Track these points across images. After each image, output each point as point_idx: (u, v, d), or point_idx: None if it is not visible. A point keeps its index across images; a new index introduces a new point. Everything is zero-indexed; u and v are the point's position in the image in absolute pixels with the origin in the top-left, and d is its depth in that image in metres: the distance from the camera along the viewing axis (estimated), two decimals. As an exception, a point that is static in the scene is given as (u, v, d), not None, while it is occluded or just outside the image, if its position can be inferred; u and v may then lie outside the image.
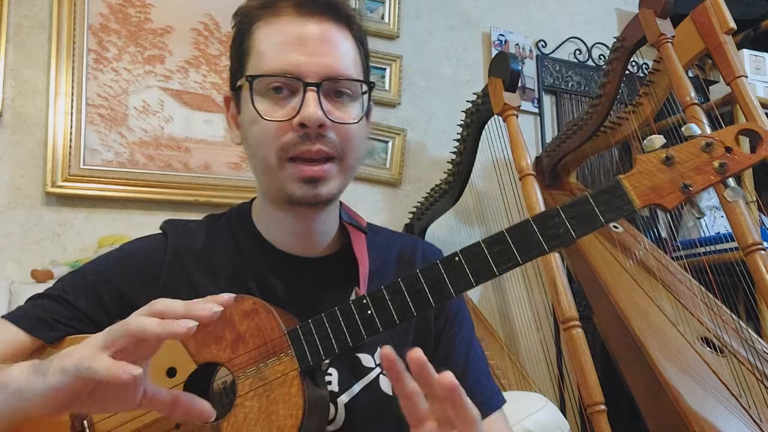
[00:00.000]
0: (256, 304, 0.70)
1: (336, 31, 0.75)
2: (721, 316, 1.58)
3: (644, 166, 0.62)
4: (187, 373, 0.70)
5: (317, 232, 0.81)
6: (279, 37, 0.73)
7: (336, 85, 0.73)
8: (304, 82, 0.71)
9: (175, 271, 0.79)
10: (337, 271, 0.82)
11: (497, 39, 2.52)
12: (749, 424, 1.29)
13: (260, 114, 0.72)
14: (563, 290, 1.40)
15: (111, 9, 1.87)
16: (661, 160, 0.62)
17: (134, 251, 0.83)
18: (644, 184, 0.61)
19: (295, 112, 0.71)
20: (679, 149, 0.62)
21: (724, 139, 0.61)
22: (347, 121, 0.74)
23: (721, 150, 0.61)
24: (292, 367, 0.67)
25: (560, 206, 0.63)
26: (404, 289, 0.66)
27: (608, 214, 0.61)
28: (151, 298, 0.58)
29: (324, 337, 0.68)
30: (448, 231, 2.22)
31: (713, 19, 1.48)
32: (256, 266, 0.80)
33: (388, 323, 0.66)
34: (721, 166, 0.60)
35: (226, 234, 0.84)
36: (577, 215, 0.62)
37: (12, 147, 1.74)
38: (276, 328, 0.69)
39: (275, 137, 0.72)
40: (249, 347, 0.68)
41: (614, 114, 1.92)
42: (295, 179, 0.72)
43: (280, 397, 0.66)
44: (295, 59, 0.71)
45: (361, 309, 0.67)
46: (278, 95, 0.72)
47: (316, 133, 0.71)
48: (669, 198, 0.61)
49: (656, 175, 0.62)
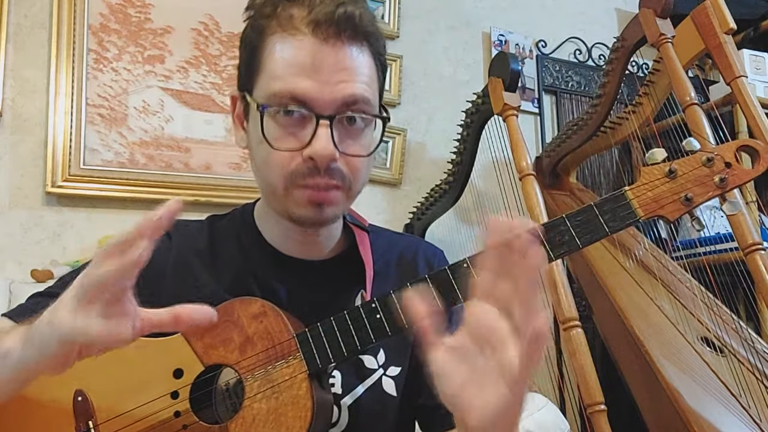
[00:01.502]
0: (265, 307, 0.70)
1: (355, 52, 0.71)
2: (721, 316, 1.58)
3: (648, 178, 0.65)
4: (194, 374, 0.70)
5: (322, 239, 0.81)
6: (292, 60, 0.69)
7: (352, 116, 0.71)
8: (317, 114, 0.68)
9: (179, 271, 0.79)
10: (341, 274, 0.82)
11: (497, 39, 2.52)
12: (749, 424, 1.29)
13: (270, 143, 0.70)
14: (563, 290, 1.40)
15: (111, 9, 1.87)
16: (665, 173, 0.64)
17: None
18: (647, 195, 0.64)
19: (305, 142, 0.68)
20: (682, 163, 0.65)
21: (724, 154, 0.64)
22: (359, 153, 0.72)
23: (721, 165, 0.64)
24: (300, 370, 0.67)
25: (565, 215, 0.64)
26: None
27: (612, 224, 0.63)
28: (155, 297, 0.58)
29: (333, 341, 0.68)
30: (448, 231, 2.21)
31: (713, 19, 1.48)
32: (259, 269, 0.80)
33: (398, 328, 0.67)
34: (721, 180, 0.63)
35: (229, 235, 0.83)
36: (582, 224, 0.64)
37: (12, 147, 1.74)
38: (284, 331, 0.69)
39: (283, 165, 0.70)
40: (257, 349, 0.69)
41: (614, 114, 1.92)
42: (301, 204, 0.71)
43: (288, 399, 0.67)
44: (307, 86, 0.68)
45: (370, 313, 0.67)
46: (289, 118, 0.69)
47: (325, 168, 0.69)
48: (670, 209, 0.64)
49: (659, 186, 0.64)
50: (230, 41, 1.98)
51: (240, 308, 0.71)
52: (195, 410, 0.69)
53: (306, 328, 0.69)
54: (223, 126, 1.95)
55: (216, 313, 0.57)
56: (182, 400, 0.69)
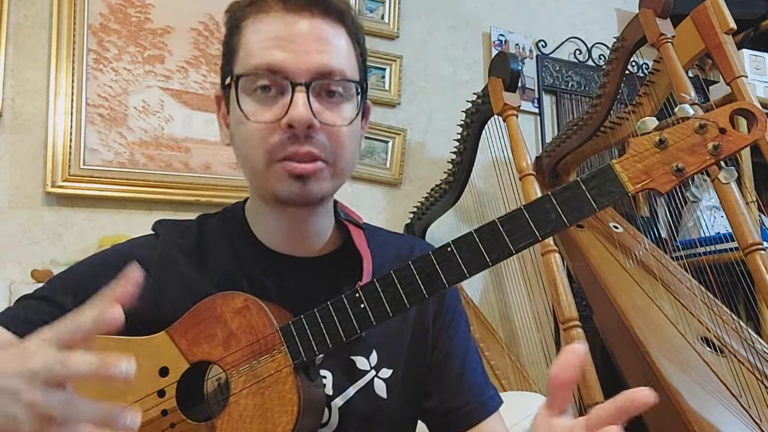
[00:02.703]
0: (248, 301, 0.69)
1: (328, 27, 0.71)
2: (721, 316, 1.58)
3: (637, 149, 0.60)
4: (179, 372, 0.69)
5: (312, 233, 0.79)
6: (266, 34, 0.70)
7: (327, 84, 0.70)
8: (292, 81, 0.68)
9: (165, 267, 0.78)
10: (335, 271, 0.80)
11: (497, 39, 2.52)
12: (749, 424, 1.29)
13: (246, 115, 0.70)
14: (563, 290, 1.40)
15: (111, 9, 1.87)
16: (654, 143, 0.60)
17: (123, 250, 0.81)
18: (636, 167, 0.60)
19: (283, 112, 0.68)
20: (673, 131, 0.60)
21: (718, 120, 0.59)
22: (338, 123, 0.70)
23: (715, 131, 0.59)
24: (285, 364, 0.66)
25: (551, 192, 0.61)
26: (397, 281, 0.65)
27: (600, 199, 0.59)
28: (139, 296, 0.56)
29: (317, 333, 0.66)
30: (448, 231, 2.21)
31: (713, 19, 1.48)
32: (249, 267, 0.79)
33: (382, 316, 0.65)
34: (715, 147, 0.58)
35: (219, 234, 0.82)
36: (568, 200, 0.60)
37: (12, 147, 1.74)
38: (268, 325, 0.67)
39: (262, 139, 0.69)
40: (241, 344, 0.67)
41: (614, 114, 1.92)
42: (282, 177, 0.69)
43: (274, 394, 0.65)
44: (282, 57, 0.68)
45: (353, 303, 0.66)
46: (266, 94, 0.70)
47: (304, 135, 0.68)
48: (662, 181, 0.59)
49: (649, 158, 0.60)
50: (230, 41, 1.98)
51: (222, 303, 0.69)
52: (182, 408, 0.68)
53: (290, 321, 0.68)
54: (223, 126, 1.95)
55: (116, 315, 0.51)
56: (169, 399, 0.68)
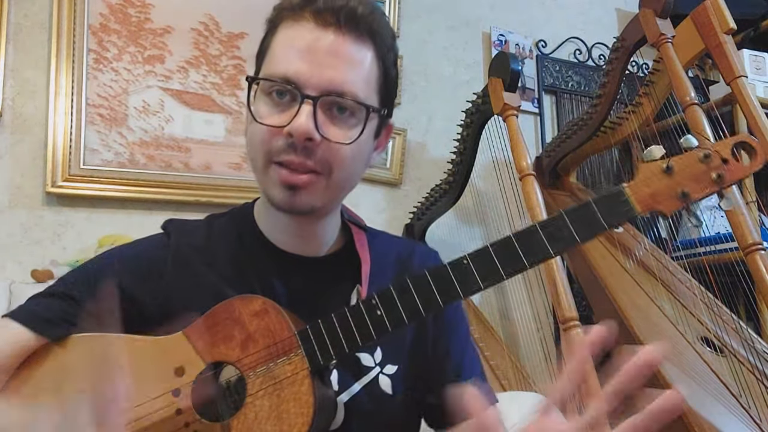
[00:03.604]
0: (266, 304, 0.71)
1: (351, 45, 0.72)
2: (721, 316, 1.58)
3: (645, 174, 0.65)
4: (195, 372, 0.70)
5: (318, 235, 0.82)
6: (292, 42, 0.72)
7: (336, 100, 0.71)
8: (302, 93, 0.70)
9: (178, 268, 0.79)
10: (338, 271, 0.82)
11: (497, 39, 2.52)
12: (749, 424, 1.29)
13: (254, 116, 0.72)
14: (563, 290, 1.39)
15: (111, 9, 1.88)
16: (662, 169, 0.65)
17: (137, 249, 0.83)
18: (644, 191, 0.65)
19: (289, 120, 0.70)
20: (679, 159, 0.65)
21: (721, 151, 0.65)
22: (340, 140, 0.71)
23: (718, 161, 0.64)
24: (302, 367, 0.68)
25: (564, 210, 0.65)
26: (413, 288, 0.66)
27: (610, 218, 0.64)
28: (153, 295, 0.58)
29: (334, 338, 0.68)
30: (448, 231, 2.22)
31: (713, 19, 1.48)
32: (258, 266, 0.80)
33: (398, 323, 0.67)
34: (719, 176, 0.64)
35: (228, 233, 0.84)
36: (580, 219, 0.64)
37: (12, 147, 1.74)
38: (286, 329, 0.69)
39: (265, 141, 0.72)
40: (259, 347, 0.69)
41: (614, 114, 1.92)
42: (275, 183, 0.72)
43: (290, 395, 0.67)
44: (298, 68, 0.70)
45: (370, 309, 0.68)
46: (281, 99, 0.72)
47: (302, 146, 0.70)
48: (667, 204, 0.64)
49: (656, 183, 0.65)
50: (230, 41, 1.98)
51: (241, 306, 0.71)
52: (197, 408, 0.70)
53: (307, 326, 0.70)
54: (223, 126, 1.95)
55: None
56: (184, 398, 0.70)
